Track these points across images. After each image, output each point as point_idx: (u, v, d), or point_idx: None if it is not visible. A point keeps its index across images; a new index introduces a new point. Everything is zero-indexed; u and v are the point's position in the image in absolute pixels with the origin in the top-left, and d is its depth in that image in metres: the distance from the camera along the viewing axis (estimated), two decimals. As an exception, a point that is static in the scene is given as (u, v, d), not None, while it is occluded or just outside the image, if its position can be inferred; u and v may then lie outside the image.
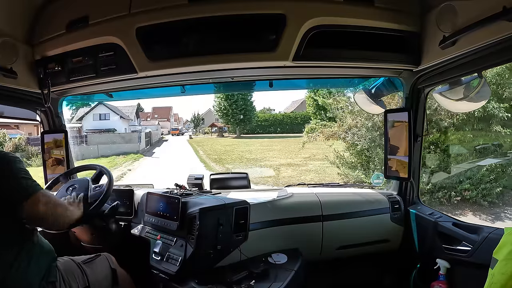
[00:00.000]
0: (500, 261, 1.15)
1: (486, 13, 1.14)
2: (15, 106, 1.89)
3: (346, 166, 7.74)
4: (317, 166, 9.89)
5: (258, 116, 21.84)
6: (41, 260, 1.27)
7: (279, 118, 20.26)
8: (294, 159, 11.65)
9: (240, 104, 19.50)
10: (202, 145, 17.43)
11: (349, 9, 1.48)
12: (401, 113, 1.89)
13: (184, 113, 30.01)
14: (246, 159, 12.82)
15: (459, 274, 1.66)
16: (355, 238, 1.98)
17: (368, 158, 7.20)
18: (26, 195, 1.17)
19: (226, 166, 11.33)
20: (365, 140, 7.09)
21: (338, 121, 8.01)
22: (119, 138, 17.33)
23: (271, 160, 12.16)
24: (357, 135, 7.19)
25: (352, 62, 1.63)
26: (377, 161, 6.92)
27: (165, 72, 1.66)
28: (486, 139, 6.41)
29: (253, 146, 15.74)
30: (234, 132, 21.00)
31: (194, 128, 26.76)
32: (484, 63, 1.36)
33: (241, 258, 1.71)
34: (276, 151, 13.46)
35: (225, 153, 14.25)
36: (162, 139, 23.68)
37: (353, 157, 7.58)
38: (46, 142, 2.08)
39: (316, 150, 9.17)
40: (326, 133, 8.11)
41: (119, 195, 1.97)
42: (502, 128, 6.15)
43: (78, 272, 1.41)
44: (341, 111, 7.80)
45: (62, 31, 1.61)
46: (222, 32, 1.52)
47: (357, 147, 7.26)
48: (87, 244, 1.83)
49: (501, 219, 6.21)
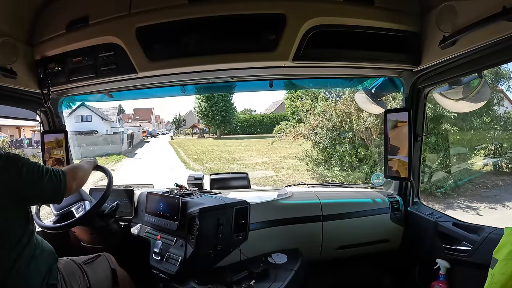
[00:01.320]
0: (500, 261, 1.15)
1: (486, 13, 1.14)
2: (15, 106, 1.88)
3: (312, 163, 8.51)
4: (290, 164, 10.58)
5: (239, 117, 22.20)
6: (42, 261, 1.27)
7: (259, 119, 20.53)
8: (270, 158, 12.38)
9: (220, 105, 19.72)
10: (183, 146, 17.83)
11: (349, 9, 1.48)
12: (401, 113, 1.89)
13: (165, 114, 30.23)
14: (224, 158, 13.38)
15: (459, 274, 1.66)
16: (355, 238, 1.98)
17: (330, 155, 8.06)
18: (63, 188, 1.29)
19: (205, 165, 11.93)
20: (326, 139, 8.01)
21: (303, 122, 8.82)
22: (101, 139, 17.61)
23: (247, 159, 12.79)
24: (319, 134, 8.13)
25: (352, 62, 1.63)
26: (336, 157, 7.89)
27: (165, 72, 1.66)
28: (438, 137, 7.20)
29: (233, 146, 16.21)
30: (215, 133, 21.39)
31: (176, 129, 26.83)
32: (484, 63, 1.36)
33: (241, 258, 1.71)
34: (253, 151, 14.00)
35: (205, 153, 14.80)
36: (143, 140, 23.84)
37: (318, 154, 8.38)
38: (46, 142, 2.08)
39: (292, 149, 9.81)
40: (294, 133, 9.01)
41: (119, 195, 1.97)
42: (451, 127, 7.15)
43: (79, 273, 1.41)
44: (307, 113, 8.60)
45: (62, 31, 1.61)
46: (222, 32, 1.52)
47: (320, 145, 8.16)
48: (87, 244, 1.84)
49: (452, 208, 6.88)
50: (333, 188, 2.41)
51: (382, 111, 2.07)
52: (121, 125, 25.96)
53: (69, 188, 1.31)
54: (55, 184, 1.26)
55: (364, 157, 7.80)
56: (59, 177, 1.28)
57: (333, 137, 7.95)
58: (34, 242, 1.27)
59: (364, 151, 7.81)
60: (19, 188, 1.18)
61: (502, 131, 7.96)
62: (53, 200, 1.39)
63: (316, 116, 8.23)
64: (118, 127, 24.34)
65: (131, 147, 19.35)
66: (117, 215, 1.79)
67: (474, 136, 7.82)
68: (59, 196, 1.30)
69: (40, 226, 1.61)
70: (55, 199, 1.34)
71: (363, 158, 7.78)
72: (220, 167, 11.57)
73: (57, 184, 1.27)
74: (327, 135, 7.99)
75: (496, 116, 7.98)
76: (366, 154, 7.80)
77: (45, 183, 1.23)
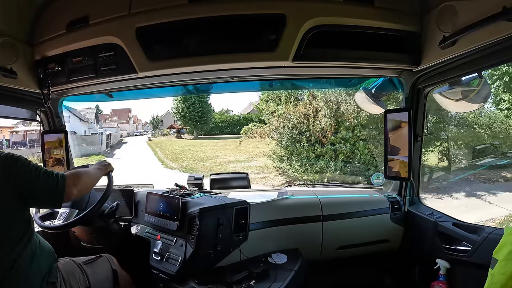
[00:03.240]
0: (500, 261, 1.15)
1: (486, 13, 1.14)
2: (15, 106, 1.88)
3: (277, 159, 9.54)
4: (260, 162, 11.54)
5: (215, 117, 22.55)
6: (42, 260, 1.27)
7: (235, 120, 20.81)
8: (242, 157, 13.19)
9: (197, 106, 19.94)
10: (160, 146, 18.29)
11: (349, 9, 1.48)
12: (401, 113, 1.89)
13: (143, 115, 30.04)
14: (199, 157, 14.17)
15: (459, 274, 1.66)
16: (355, 238, 1.98)
17: (291, 152, 9.05)
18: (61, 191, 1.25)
19: (181, 163, 12.90)
20: (287, 138, 8.99)
21: (267, 123, 9.97)
22: (81, 140, 17.65)
23: (221, 158, 13.67)
24: (281, 134, 9.14)
25: (352, 62, 1.63)
26: (296, 154, 8.89)
27: (165, 72, 1.66)
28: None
29: (209, 146, 16.83)
30: (192, 134, 21.75)
31: (153, 130, 26.83)
32: (484, 63, 1.36)
33: (241, 258, 1.71)
34: (228, 150, 14.59)
35: (181, 153, 15.45)
36: (121, 141, 23.95)
37: (281, 152, 9.40)
38: (46, 142, 2.08)
39: (263, 148, 10.80)
40: (259, 133, 10.12)
41: (119, 195, 1.97)
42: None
43: (79, 273, 1.41)
44: (271, 114, 9.69)
45: (62, 31, 1.61)
46: (222, 32, 1.52)
47: (282, 143, 9.23)
48: (87, 244, 1.84)
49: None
50: (333, 188, 2.41)
51: (382, 111, 2.07)
52: (99, 126, 25.87)
53: (68, 193, 1.26)
54: (51, 187, 1.23)
55: (321, 153, 8.83)
56: (57, 180, 1.24)
57: (293, 136, 8.95)
58: (35, 241, 1.27)
59: (320, 148, 8.84)
60: (17, 187, 1.18)
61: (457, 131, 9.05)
62: (50, 203, 1.35)
63: (278, 118, 9.35)
64: (96, 128, 24.23)
65: (110, 147, 19.54)
66: (117, 215, 1.79)
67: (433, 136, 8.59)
68: (57, 200, 1.26)
69: (40, 226, 1.61)
70: (52, 203, 1.31)
71: (319, 154, 8.84)
72: (195, 165, 12.59)
73: (53, 187, 1.23)
74: (288, 134, 8.98)
75: (449, 117, 8.90)
76: (322, 151, 8.82)
77: (41, 184, 1.21)
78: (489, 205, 7.21)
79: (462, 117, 8.84)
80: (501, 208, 6.90)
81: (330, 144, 8.75)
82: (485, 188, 7.95)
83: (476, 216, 6.24)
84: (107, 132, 21.81)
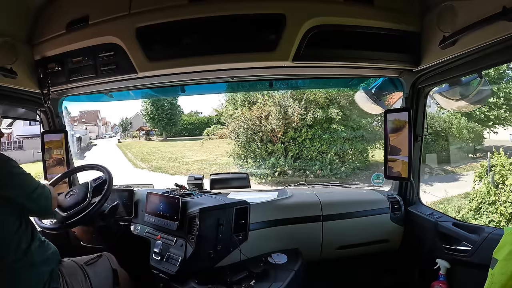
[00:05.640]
0: (500, 261, 1.15)
1: (486, 13, 1.14)
2: (15, 106, 1.89)
3: (236, 157, 10.79)
4: (223, 160, 12.42)
5: (184, 119, 22.79)
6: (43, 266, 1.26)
7: (204, 121, 20.98)
8: (208, 156, 14.04)
9: (166, 108, 19.98)
10: (130, 148, 18.84)
11: (349, 9, 1.48)
12: (401, 113, 1.89)
13: (112, 117, 29.92)
14: (167, 158, 14.97)
15: (459, 274, 1.66)
16: (355, 238, 1.98)
17: (246, 150, 10.46)
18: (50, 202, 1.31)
19: (150, 163, 14.03)
20: (242, 138, 10.39)
21: (226, 125, 11.17)
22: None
23: (188, 158, 14.55)
24: (237, 134, 10.47)
25: (352, 62, 1.63)
26: (250, 152, 10.32)
27: (165, 72, 1.66)
28: (328, 135, 10.13)
29: (177, 147, 17.49)
30: (161, 135, 21.96)
31: (123, 132, 26.58)
32: (484, 63, 1.36)
33: (241, 258, 1.71)
34: (195, 151, 15.20)
35: (150, 154, 16.21)
36: (91, 143, 23.96)
37: (239, 150, 10.75)
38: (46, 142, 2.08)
39: (227, 148, 11.66)
40: (219, 134, 11.36)
41: (119, 195, 1.97)
42: (338, 126, 10.07)
43: (81, 274, 1.41)
44: (230, 117, 10.87)
45: (62, 31, 1.61)
46: (222, 32, 1.52)
47: (238, 143, 10.61)
48: (87, 244, 1.83)
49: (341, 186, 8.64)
50: (333, 188, 2.41)
51: (382, 111, 2.07)
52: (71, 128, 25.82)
53: (53, 205, 1.35)
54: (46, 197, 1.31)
55: (272, 151, 10.31)
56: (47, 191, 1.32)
57: (248, 136, 10.36)
58: (36, 246, 1.26)
59: (272, 146, 10.30)
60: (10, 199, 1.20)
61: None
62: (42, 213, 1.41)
63: (235, 120, 10.61)
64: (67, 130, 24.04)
65: (79, 150, 19.64)
66: (117, 215, 1.79)
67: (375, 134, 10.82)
68: (48, 210, 1.34)
69: (40, 226, 1.61)
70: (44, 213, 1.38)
71: (271, 152, 10.32)
72: (164, 165, 13.66)
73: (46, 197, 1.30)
74: (243, 134, 10.37)
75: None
76: (273, 149, 10.28)
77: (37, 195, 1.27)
78: (423, 194, 7.89)
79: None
80: (432, 196, 7.98)
81: (280, 143, 10.24)
82: (424, 180, 8.64)
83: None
84: (76, 134, 21.84)
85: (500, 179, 6.36)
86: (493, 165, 6.52)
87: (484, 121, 11.39)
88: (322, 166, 9.98)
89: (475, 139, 10.87)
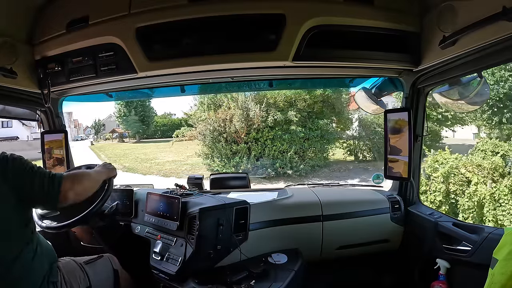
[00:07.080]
0: (500, 261, 1.15)
1: (486, 13, 1.14)
2: (15, 106, 1.89)
3: (204, 157, 11.62)
4: (193, 161, 13.04)
5: (157, 121, 22.98)
6: (43, 260, 1.27)
7: (176, 123, 21.14)
8: (179, 157, 14.57)
9: (139, 110, 20.09)
10: (103, 150, 19.10)
11: (349, 9, 1.48)
12: (401, 113, 1.89)
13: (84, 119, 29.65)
14: (140, 159, 15.54)
15: (459, 274, 1.66)
16: (355, 238, 1.98)
17: (213, 150, 11.33)
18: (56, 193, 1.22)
19: (124, 164, 14.53)
20: (209, 139, 11.26)
21: (194, 127, 12.05)
22: (26, 145, 17.58)
23: (160, 159, 15.05)
24: (204, 135, 11.35)
25: (352, 62, 1.63)
26: (216, 152, 11.19)
27: (165, 72, 1.66)
28: (288, 135, 11.10)
29: (149, 149, 17.93)
30: (134, 137, 22.15)
31: (95, 134, 26.34)
32: (484, 63, 1.36)
33: (241, 258, 1.71)
34: (167, 152, 15.68)
35: (124, 156, 16.60)
36: None
37: (206, 150, 11.57)
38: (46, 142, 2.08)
39: (196, 149, 12.26)
40: (188, 135, 12.27)
41: (119, 195, 1.97)
42: (296, 127, 11.04)
43: (80, 272, 1.41)
44: (198, 119, 11.78)
45: (62, 31, 1.61)
46: (222, 32, 1.52)
47: (205, 143, 11.51)
48: (87, 244, 1.84)
49: (303, 184, 9.06)
50: (333, 188, 2.42)
51: (382, 111, 2.07)
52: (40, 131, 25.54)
53: (64, 196, 1.23)
54: (46, 189, 1.20)
55: (236, 151, 11.15)
56: (52, 182, 1.21)
57: (214, 137, 11.22)
58: (35, 240, 1.26)
59: (236, 146, 11.15)
60: (16, 188, 1.18)
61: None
62: (45, 205, 1.33)
63: (202, 122, 11.52)
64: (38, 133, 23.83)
65: None
66: (117, 215, 1.79)
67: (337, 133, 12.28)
68: (51, 202, 1.24)
69: (40, 226, 1.61)
70: (47, 205, 1.30)
71: (235, 152, 11.17)
72: (137, 166, 14.27)
73: (48, 189, 1.21)
74: (210, 135, 11.23)
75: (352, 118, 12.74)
76: (237, 149, 11.13)
77: (36, 185, 1.20)
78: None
79: (363, 119, 12.34)
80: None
81: (244, 143, 11.11)
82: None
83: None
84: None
85: (431, 172, 7.43)
86: (428, 160, 7.63)
87: (443, 121, 12.76)
88: (283, 164, 11.03)
89: (432, 138, 12.11)
